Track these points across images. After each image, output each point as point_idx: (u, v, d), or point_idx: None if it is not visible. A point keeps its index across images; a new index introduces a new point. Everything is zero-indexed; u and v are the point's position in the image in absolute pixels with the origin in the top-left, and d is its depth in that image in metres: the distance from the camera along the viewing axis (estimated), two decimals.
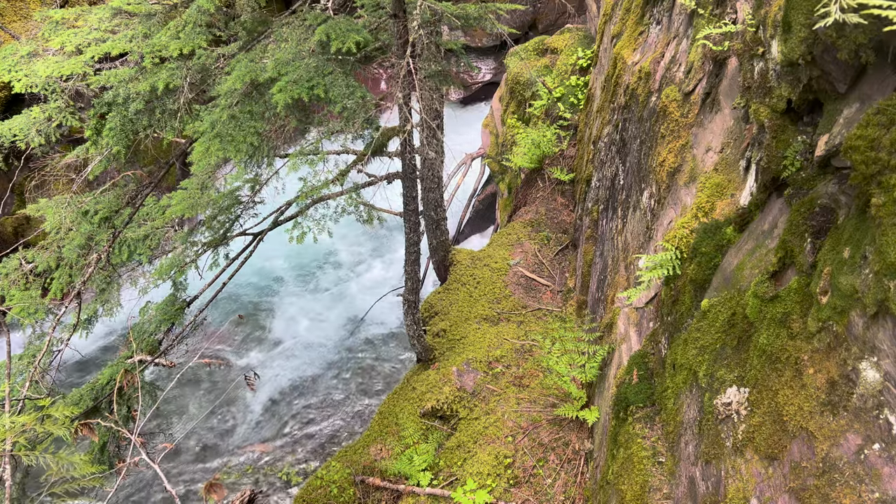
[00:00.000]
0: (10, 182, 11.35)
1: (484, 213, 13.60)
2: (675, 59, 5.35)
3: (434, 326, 8.97)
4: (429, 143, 8.78)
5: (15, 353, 6.11)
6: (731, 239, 4.04)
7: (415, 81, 5.54)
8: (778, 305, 3.22)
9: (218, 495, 4.57)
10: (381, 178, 7.12)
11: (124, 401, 6.12)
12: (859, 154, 2.64)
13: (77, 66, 5.30)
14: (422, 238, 7.88)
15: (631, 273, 5.90)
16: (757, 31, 3.78)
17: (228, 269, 6.96)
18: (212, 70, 5.46)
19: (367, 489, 7.20)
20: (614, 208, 6.83)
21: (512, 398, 7.31)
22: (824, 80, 3.10)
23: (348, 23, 5.13)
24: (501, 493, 6.34)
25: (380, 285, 12.94)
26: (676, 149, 4.95)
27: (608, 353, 6.13)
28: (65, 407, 5.08)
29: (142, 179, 6.33)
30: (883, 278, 2.48)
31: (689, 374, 4.12)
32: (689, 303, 4.37)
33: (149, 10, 5.52)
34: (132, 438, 4.73)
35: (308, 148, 5.78)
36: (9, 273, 6.01)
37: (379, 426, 7.89)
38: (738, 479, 3.36)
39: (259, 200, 6.84)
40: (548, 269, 9.43)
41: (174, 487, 8.43)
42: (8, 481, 4.15)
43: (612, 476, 5.04)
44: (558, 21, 16.31)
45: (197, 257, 6.53)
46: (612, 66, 7.53)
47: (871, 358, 2.59)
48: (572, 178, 10.12)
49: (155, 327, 6.53)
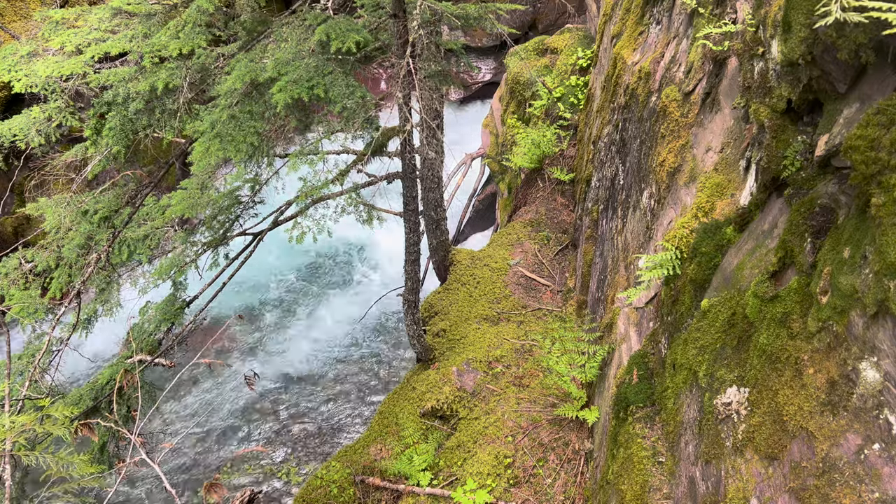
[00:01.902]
0: (10, 182, 11.34)
1: (484, 213, 13.60)
2: (675, 59, 5.34)
3: (434, 326, 8.96)
4: (429, 143, 8.78)
5: (15, 352, 6.11)
6: (731, 239, 4.04)
7: (415, 81, 5.54)
8: (778, 305, 3.22)
9: (218, 495, 4.56)
10: (381, 178, 7.11)
11: (124, 401, 6.12)
12: (859, 154, 2.64)
13: (77, 66, 5.30)
14: (422, 238, 7.88)
15: (631, 273, 5.90)
16: (757, 31, 3.78)
17: (228, 269, 6.96)
18: (211, 70, 5.46)
19: (367, 489, 7.20)
20: (614, 208, 6.83)
21: (512, 398, 7.31)
22: (824, 80, 3.10)
23: (348, 23, 5.13)
24: (501, 492, 6.34)
25: (380, 285, 12.94)
26: (676, 149, 4.94)
27: (608, 352, 6.13)
28: (64, 407, 5.08)
29: (141, 179, 6.33)
30: (883, 278, 2.48)
31: (689, 373, 4.12)
32: (689, 303, 4.37)
33: (149, 10, 5.52)
34: (132, 438, 4.73)
35: (308, 148, 5.77)
36: (8, 272, 6.01)
37: (379, 426, 7.89)
38: (738, 479, 3.36)
39: (259, 200, 6.84)
40: (548, 269, 9.42)
41: (174, 487, 8.43)
42: (8, 481, 4.14)
43: (612, 476, 5.04)
44: (558, 21, 16.30)
45: (197, 257, 6.53)
46: (612, 66, 7.53)
47: (871, 358, 2.58)
48: (572, 178, 10.12)
49: (155, 327, 6.53)
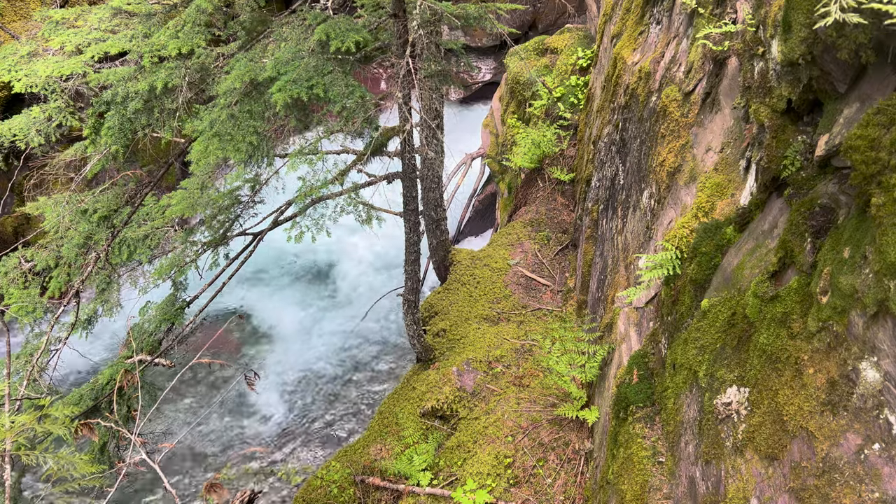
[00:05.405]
0: (9, 181, 11.34)
1: (484, 213, 13.59)
2: (675, 59, 5.34)
3: (434, 326, 8.96)
4: (429, 143, 8.78)
5: (14, 351, 6.10)
6: (731, 239, 4.03)
7: (414, 81, 5.54)
8: (778, 305, 3.22)
9: (218, 495, 4.56)
10: (380, 177, 7.11)
11: (124, 401, 6.11)
12: (859, 154, 2.63)
13: (77, 66, 5.30)
14: (422, 238, 7.87)
15: (631, 273, 5.90)
16: (757, 31, 3.78)
17: (228, 269, 6.96)
18: (211, 69, 5.46)
19: (367, 489, 7.20)
20: (614, 208, 6.83)
21: (512, 398, 7.31)
22: (824, 80, 3.10)
23: (348, 22, 5.13)
24: (501, 492, 6.33)
25: (380, 284, 12.94)
26: (676, 149, 4.94)
27: (608, 352, 6.12)
28: (64, 406, 5.07)
29: (141, 179, 6.33)
30: (883, 278, 2.48)
31: (689, 373, 4.12)
32: (689, 303, 4.36)
33: (149, 9, 5.52)
34: (132, 438, 4.72)
35: (307, 148, 5.77)
36: (8, 272, 6.01)
37: (379, 426, 7.89)
38: (738, 479, 3.36)
39: (259, 200, 6.83)
40: (548, 269, 9.42)
41: (174, 487, 8.42)
42: (8, 481, 4.14)
43: (612, 476, 5.03)
44: (558, 21, 16.30)
45: (197, 257, 6.53)
46: (612, 66, 7.52)
47: (871, 358, 2.58)
48: (572, 178, 10.11)
49: (155, 327, 6.52)
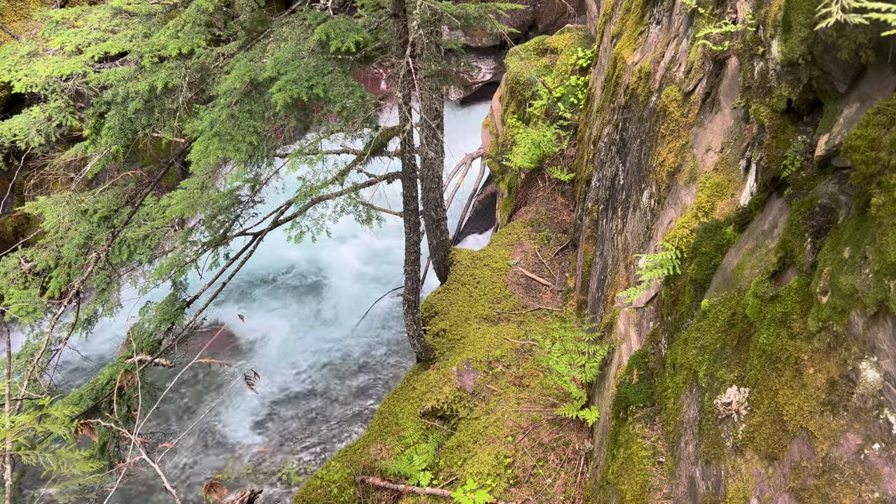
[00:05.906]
0: (10, 181, 11.34)
1: (484, 213, 13.59)
2: (675, 59, 5.34)
3: (434, 326, 8.96)
4: (429, 143, 8.77)
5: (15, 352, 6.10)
6: (731, 239, 4.03)
7: (414, 81, 5.54)
8: (778, 305, 3.22)
9: (218, 495, 4.56)
10: (380, 177, 7.11)
11: (124, 401, 6.11)
12: (859, 154, 2.63)
13: (77, 66, 5.30)
14: (422, 238, 7.87)
15: (631, 273, 5.90)
16: (757, 31, 3.78)
17: (228, 269, 6.96)
18: (211, 69, 5.46)
19: (367, 489, 7.20)
20: (614, 208, 6.83)
21: (512, 398, 7.31)
22: (824, 80, 3.10)
23: (348, 22, 5.13)
24: (501, 492, 6.33)
25: (380, 284, 12.94)
26: (676, 149, 4.94)
27: (608, 352, 6.12)
28: (64, 406, 5.07)
29: (141, 179, 6.33)
30: (883, 278, 2.48)
31: (689, 373, 4.12)
32: (689, 303, 4.36)
33: (149, 9, 5.52)
34: (132, 438, 4.72)
35: (307, 147, 5.77)
36: (8, 272, 6.01)
37: (379, 426, 7.89)
38: (738, 479, 3.36)
39: (259, 200, 6.83)
40: (548, 269, 9.42)
41: (174, 487, 8.42)
42: (8, 481, 4.14)
43: (612, 476, 5.03)
44: (558, 21, 16.30)
45: (197, 257, 6.53)
46: (612, 66, 7.52)
47: (871, 358, 2.58)
48: (572, 178, 10.11)
49: (155, 327, 6.52)
